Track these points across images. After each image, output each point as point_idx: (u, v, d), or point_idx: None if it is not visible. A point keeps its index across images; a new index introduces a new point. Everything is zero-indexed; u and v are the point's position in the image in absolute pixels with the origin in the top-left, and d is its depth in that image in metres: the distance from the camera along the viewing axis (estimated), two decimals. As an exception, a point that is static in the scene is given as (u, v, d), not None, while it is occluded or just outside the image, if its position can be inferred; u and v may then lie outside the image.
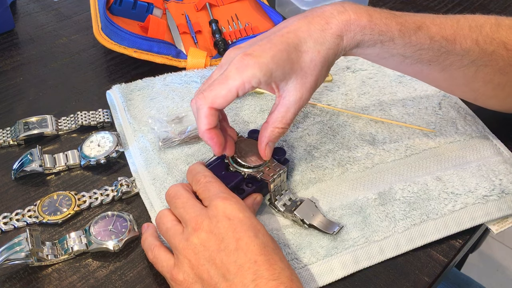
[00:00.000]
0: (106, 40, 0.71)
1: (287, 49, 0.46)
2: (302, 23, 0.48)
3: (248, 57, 0.45)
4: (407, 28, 0.51)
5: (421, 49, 0.52)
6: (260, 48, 0.46)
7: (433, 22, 0.52)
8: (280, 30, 0.48)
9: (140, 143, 0.62)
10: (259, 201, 0.54)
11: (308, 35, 0.47)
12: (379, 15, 0.50)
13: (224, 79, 0.46)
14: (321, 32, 0.48)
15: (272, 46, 0.46)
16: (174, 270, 0.46)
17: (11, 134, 0.64)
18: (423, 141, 0.62)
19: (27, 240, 0.49)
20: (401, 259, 0.52)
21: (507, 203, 0.55)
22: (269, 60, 0.45)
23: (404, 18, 0.51)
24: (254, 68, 0.45)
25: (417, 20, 0.51)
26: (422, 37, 0.51)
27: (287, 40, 0.47)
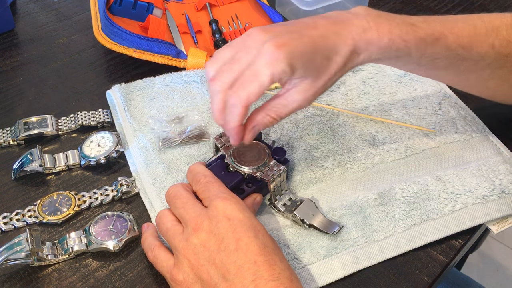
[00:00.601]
0: (106, 40, 0.71)
1: (314, 51, 0.46)
2: (330, 30, 0.48)
3: (279, 50, 0.44)
4: (425, 41, 0.51)
5: (437, 58, 0.53)
6: (292, 42, 0.45)
7: (451, 31, 0.52)
8: (309, 30, 0.47)
9: (140, 143, 0.62)
10: (259, 201, 0.54)
11: (333, 45, 0.48)
12: (400, 31, 0.50)
13: (255, 75, 0.45)
14: (344, 46, 0.48)
15: (302, 44, 0.46)
16: (174, 270, 0.46)
17: (11, 134, 0.64)
18: (423, 141, 0.62)
19: (27, 240, 0.49)
20: (401, 259, 0.52)
21: (507, 203, 0.55)
22: (298, 57, 0.45)
23: (424, 31, 0.51)
24: (284, 63, 0.45)
25: (436, 30, 0.52)
26: (439, 48, 0.52)
27: (316, 43, 0.47)
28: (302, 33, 0.46)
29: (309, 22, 0.48)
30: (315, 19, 0.49)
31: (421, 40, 0.51)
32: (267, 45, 0.45)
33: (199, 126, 0.63)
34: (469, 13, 0.56)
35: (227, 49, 0.48)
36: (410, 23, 0.51)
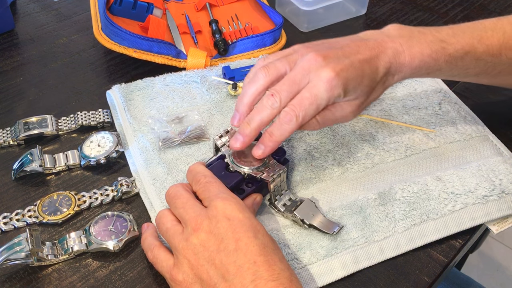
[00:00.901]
0: (106, 40, 0.71)
1: (362, 75, 0.51)
2: (372, 55, 0.52)
3: (337, 77, 0.49)
4: (455, 57, 0.54)
5: (468, 69, 0.56)
6: (346, 68, 0.49)
7: (480, 41, 0.55)
8: (356, 55, 0.51)
9: (140, 143, 0.62)
10: (259, 201, 0.54)
11: (375, 69, 0.52)
12: (430, 51, 0.54)
13: (314, 98, 0.49)
14: (382, 68, 0.52)
15: (354, 70, 0.50)
16: (173, 270, 0.46)
17: (11, 134, 0.64)
18: (423, 141, 0.62)
19: (27, 240, 0.49)
20: (401, 259, 0.52)
21: (507, 203, 0.55)
22: (351, 83, 0.50)
23: (453, 47, 0.54)
24: (340, 89, 0.49)
25: (466, 43, 0.55)
26: (469, 60, 0.55)
27: (363, 68, 0.51)
28: (351, 59, 0.50)
29: (352, 46, 0.52)
30: (357, 43, 0.53)
31: (450, 56, 0.54)
32: (325, 72, 0.49)
33: (199, 126, 0.63)
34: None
35: (283, 62, 0.51)
36: (440, 39, 0.54)
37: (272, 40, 0.75)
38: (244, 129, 0.51)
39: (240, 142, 0.51)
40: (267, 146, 0.51)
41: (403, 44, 0.53)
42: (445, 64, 0.55)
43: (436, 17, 0.86)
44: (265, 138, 0.51)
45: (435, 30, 0.55)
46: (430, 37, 0.54)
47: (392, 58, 0.52)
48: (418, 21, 0.85)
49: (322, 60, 0.49)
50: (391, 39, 0.53)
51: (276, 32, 0.75)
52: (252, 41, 0.74)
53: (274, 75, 0.51)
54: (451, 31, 0.55)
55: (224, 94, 0.68)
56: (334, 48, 0.51)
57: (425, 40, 0.54)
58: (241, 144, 0.51)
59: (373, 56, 0.52)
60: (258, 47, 0.75)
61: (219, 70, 0.71)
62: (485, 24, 0.56)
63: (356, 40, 0.53)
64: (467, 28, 0.56)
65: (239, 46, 0.74)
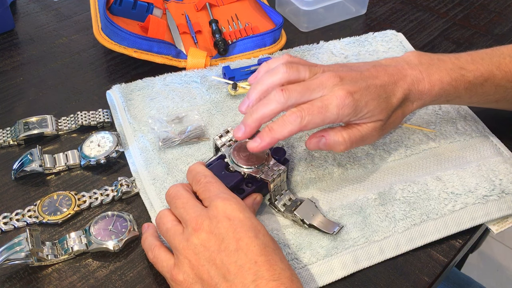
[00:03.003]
0: (106, 40, 0.71)
1: (377, 98, 0.52)
2: (389, 80, 0.53)
3: (349, 97, 0.50)
4: (474, 84, 0.56)
5: (487, 96, 0.57)
6: (359, 91, 0.51)
7: (499, 68, 0.56)
8: (373, 79, 0.52)
9: (140, 143, 0.62)
10: (259, 201, 0.54)
11: (392, 94, 0.53)
12: (450, 78, 0.55)
13: (324, 109, 0.50)
14: (399, 94, 0.53)
15: (367, 93, 0.51)
16: (174, 270, 0.46)
17: (11, 134, 0.64)
18: (423, 141, 0.62)
19: (27, 240, 0.49)
20: (401, 259, 0.52)
21: (507, 203, 0.55)
22: (363, 106, 0.51)
23: (473, 74, 0.55)
24: (351, 109, 0.50)
25: (485, 70, 0.56)
26: (488, 87, 0.56)
27: (378, 92, 0.52)
28: (368, 82, 0.52)
29: (372, 71, 0.54)
30: (377, 68, 0.54)
31: (470, 83, 0.55)
32: (340, 90, 0.50)
33: (199, 126, 0.63)
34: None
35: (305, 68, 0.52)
36: (459, 66, 0.55)
37: (272, 40, 0.75)
38: (246, 119, 0.51)
39: (242, 132, 0.51)
40: (263, 140, 0.50)
41: (423, 71, 0.54)
42: (464, 91, 0.56)
43: (436, 17, 0.86)
44: (264, 132, 0.51)
45: (454, 57, 0.56)
46: (450, 65, 0.55)
47: (411, 85, 0.54)
48: (418, 21, 0.85)
49: (339, 80, 0.51)
50: (410, 66, 0.55)
51: (276, 32, 0.75)
52: (252, 41, 0.74)
53: (293, 76, 0.52)
54: (469, 58, 0.56)
55: (224, 94, 0.68)
56: (353, 71, 0.53)
57: (445, 67, 0.55)
58: (242, 134, 0.51)
59: (391, 82, 0.53)
60: (258, 47, 0.75)
61: (219, 70, 0.71)
62: (503, 50, 0.58)
63: (377, 66, 0.55)
64: (486, 54, 0.57)
65: (239, 46, 0.74)
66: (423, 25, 0.84)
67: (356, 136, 0.53)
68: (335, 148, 0.53)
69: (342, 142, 0.52)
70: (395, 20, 0.85)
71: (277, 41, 0.76)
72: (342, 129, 0.53)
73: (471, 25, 0.84)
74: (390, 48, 0.76)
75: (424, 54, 0.56)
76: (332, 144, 0.53)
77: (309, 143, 0.54)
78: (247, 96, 0.53)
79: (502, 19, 0.86)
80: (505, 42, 0.81)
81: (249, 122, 0.51)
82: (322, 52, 0.75)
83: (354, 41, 0.77)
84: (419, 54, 0.56)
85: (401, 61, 0.55)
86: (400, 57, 0.56)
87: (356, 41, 0.77)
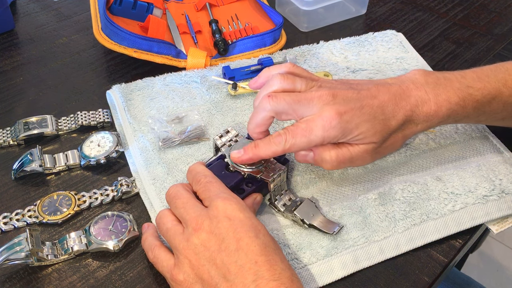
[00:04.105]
0: (106, 40, 0.71)
1: (371, 121, 0.50)
2: (390, 100, 0.51)
3: (337, 118, 0.49)
4: (482, 103, 0.54)
5: (495, 114, 0.56)
6: (351, 111, 0.49)
7: (505, 85, 0.55)
8: (371, 99, 0.51)
9: (140, 143, 0.62)
10: (259, 201, 0.54)
11: (391, 115, 0.51)
12: (457, 98, 0.53)
13: (308, 132, 0.49)
14: (400, 115, 0.52)
15: (360, 114, 0.50)
16: (174, 270, 0.46)
17: (11, 134, 0.64)
18: (423, 141, 0.62)
19: (27, 240, 0.49)
20: (401, 259, 0.52)
21: (507, 203, 0.55)
22: (353, 128, 0.49)
23: (480, 92, 0.54)
24: (337, 131, 0.49)
25: (492, 88, 0.54)
26: (496, 105, 0.55)
27: (374, 112, 0.50)
28: (363, 103, 0.50)
29: (372, 90, 0.52)
30: (378, 87, 0.52)
31: (478, 102, 0.54)
32: (328, 111, 0.49)
33: (199, 126, 0.63)
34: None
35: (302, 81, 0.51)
36: (466, 85, 0.53)
37: (272, 40, 0.75)
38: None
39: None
40: (246, 153, 0.51)
41: (429, 92, 0.52)
42: (472, 111, 0.54)
43: (436, 17, 0.86)
44: (249, 146, 0.51)
45: (460, 75, 0.54)
46: (457, 84, 0.53)
47: (415, 106, 0.52)
48: (418, 21, 0.85)
49: (332, 98, 0.50)
50: (416, 86, 0.53)
51: (276, 32, 0.75)
52: (252, 41, 0.74)
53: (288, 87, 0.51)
54: (475, 76, 0.55)
55: (224, 94, 0.68)
56: (351, 90, 0.51)
57: (452, 87, 0.53)
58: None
59: (391, 102, 0.51)
60: (258, 47, 0.75)
61: (219, 70, 0.71)
62: (507, 67, 0.56)
63: (380, 85, 0.53)
64: (490, 72, 0.55)
65: (239, 46, 0.74)
66: (423, 25, 0.84)
67: (345, 156, 0.52)
68: (322, 165, 0.53)
69: (328, 161, 0.52)
70: (395, 20, 0.85)
71: (277, 41, 0.76)
72: (332, 147, 0.52)
73: (471, 25, 0.84)
74: (390, 48, 0.76)
75: (431, 72, 0.55)
76: (318, 160, 0.52)
77: (297, 155, 0.54)
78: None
79: (502, 19, 0.86)
80: (505, 42, 0.81)
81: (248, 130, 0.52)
82: (322, 52, 0.75)
83: (354, 41, 0.77)
84: (425, 73, 0.54)
85: (407, 81, 0.53)
86: (405, 76, 0.55)
87: (356, 41, 0.77)
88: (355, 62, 0.73)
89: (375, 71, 0.72)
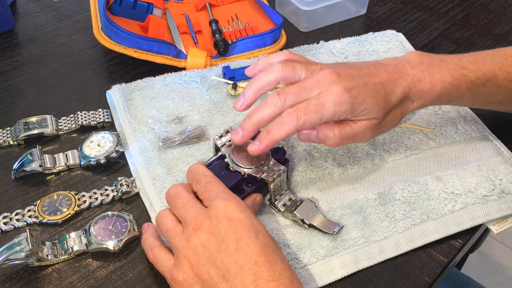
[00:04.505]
0: (106, 40, 0.71)
1: (376, 95, 0.51)
2: (389, 79, 0.53)
3: (346, 93, 0.49)
4: (476, 84, 0.55)
5: (490, 96, 0.57)
6: (357, 87, 0.50)
7: (501, 68, 0.56)
8: (372, 77, 0.52)
9: (140, 143, 0.62)
10: (259, 201, 0.54)
11: (391, 92, 0.53)
12: (451, 78, 0.54)
13: (320, 107, 0.49)
14: (399, 93, 0.53)
15: (365, 90, 0.51)
16: (174, 270, 0.46)
17: (11, 134, 0.64)
18: (423, 141, 0.62)
19: (27, 240, 0.49)
20: (401, 259, 0.52)
21: (507, 203, 0.55)
22: (360, 103, 0.50)
23: (474, 74, 0.55)
24: (348, 106, 0.50)
25: (487, 71, 0.56)
26: (490, 88, 0.56)
27: (377, 89, 0.52)
28: (366, 79, 0.51)
29: (371, 69, 0.53)
30: (376, 66, 0.54)
31: (472, 83, 0.55)
32: (336, 87, 0.50)
33: (199, 126, 0.63)
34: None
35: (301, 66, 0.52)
36: (461, 66, 0.55)
37: (272, 40, 0.75)
38: (244, 123, 0.51)
39: (240, 136, 0.52)
40: (262, 142, 0.51)
41: (424, 71, 0.54)
42: (467, 91, 0.55)
43: (436, 17, 0.86)
44: (262, 135, 0.51)
45: (456, 57, 0.56)
46: (452, 65, 0.55)
47: (411, 84, 0.53)
48: (418, 21, 0.85)
49: (336, 76, 0.50)
50: (411, 65, 0.54)
51: (276, 32, 0.75)
52: (252, 41, 0.74)
53: (289, 74, 0.52)
54: (472, 58, 0.56)
55: (224, 94, 0.68)
56: (352, 68, 0.52)
57: (446, 67, 0.55)
58: (240, 138, 0.52)
59: (390, 80, 0.52)
60: (258, 47, 0.75)
61: (219, 70, 0.71)
62: (505, 51, 0.58)
63: (377, 64, 0.54)
64: (487, 55, 0.57)
65: (239, 46, 0.74)
66: (423, 25, 0.84)
67: (348, 132, 0.52)
68: (325, 142, 0.53)
69: (332, 137, 0.52)
70: (395, 20, 0.85)
71: (277, 41, 0.76)
72: (334, 124, 0.52)
73: (471, 25, 0.84)
74: (390, 48, 0.76)
75: (426, 54, 0.56)
76: (322, 138, 0.52)
77: (300, 133, 0.54)
78: (242, 94, 0.53)
79: (502, 19, 0.86)
80: (505, 42, 0.81)
81: (247, 126, 0.51)
82: (322, 52, 0.75)
83: (354, 41, 0.77)
84: (421, 54, 0.56)
85: (402, 61, 0.55)
86: (401, 57, 0.56)
87: (356, 41, 0.77)
88: (354, 62, 0.73)
89: (375, 71, 0.72)
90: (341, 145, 0.55)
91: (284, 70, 0.52)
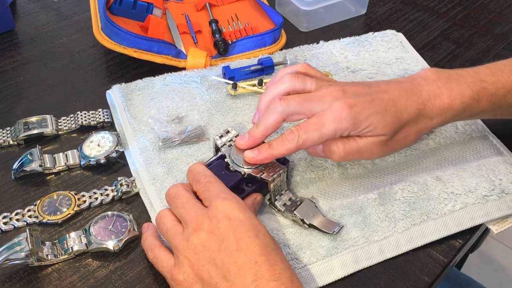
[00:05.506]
0: (106, 40, 0.71)
1: (383, 113, 0.51)
2: (401, 94, 0.52)
3: (347, 110, 0.49)
4: (497, 96, 0.54)
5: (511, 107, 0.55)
6: (360, 104, 0.50)
7: None
8: (382, 94, 0.51)
9: (140, 143, 0.62)
10: (259, 201, 0.54)
11: (403, 108, 0.52)
12: (471, 92, 0.53)
13: (319, 126, 0.50)
14: (412, 108, 0.52)
15: (371, 106, 0.50)
16: (174, 270, 0.46)
17: (11, 134, 0.64)
18: (423, 141, 0.62)
19: (27, 240, 0.49)
20: (401, 259, 0.52)
21: (507, 203, 0.55)
22: (364, 119, 0.50)
23: (494, 86, 0.54)
24: (349, 123, 0.49)
25: (507, 82, 0.54)
26: (511, 98, 0.54)
27: (386, 105, 0.51)
28: (374, 96, 0.51)
29: (383, 86, 0.53)
30: (389, 84, 0.53)
31: (492, 96, 0.54)
32: (338, 103, 0.49)
33: (199, 126, 0.63)
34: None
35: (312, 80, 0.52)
36: (479, 79, 0.54)
37: (272, 40, 0.75)
38: (253, 130, 0.52)
39: (245, 141, 0.52)
40: (261, 153, 0.51)
41: (441, 86, 0.53)
42: (488, 105, 0.54)
43: (436, 17, 0.86)
44: (263, 146, 0.52)
45: (473, 71, 0.55)
46: (470, 78, 0.54)
47: (427, 100, 0.52)
48: (418, 21, 0.85)
49: (342, 93, 0.50)
50: (427, 82, 0.53)
51: (276, 32, 0.75)
52: (252, 41, 0.74)
53: (298, 86, 0.52)
54: (488, 71, 0.55)
55: (224, 94, 0.68)
56: (361, 86, 0.52)
57: (465, 81, 0.53)
58: (245, 143, 0.52)
59: (402, 96, 0.52)
60: (258, 47, 0.75)
61: (219, 70, 0.71)
62: None
63: (391, 82, 0.54)
64: (504, 66, 0.56)
65: (239, 46, 0.74)
66: (423, 25, 0.84)
67: (352, 148, 0.52)
68: (331, 157, 0.53)
69: (336, 151, 0.52)
70: (395, 20, 0.85)
71: (277, 41, 0.76)
72: (339, 139, 0.52)
73: (471, 25, 0.84)
74: (390, 48, 0.76)
75: (442, 70, 0.55)
76: (327, 152, 0.53)
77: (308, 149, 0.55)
78: (257, 108, 0.54)
79: (502, 19, 0.86)
80: (505, 42, 0.81)
81: (254, 133, 0.52)
82: (322, 52, 0.75)
83: (354, 41, 0.77)
84: (437, 70, 0.55)
85: (418, 77, 0.54)
86: (417, 74, 0.55)
87: (356, 41, 0.77)
88: (355, 62, 0.73)
89: (375, 71, 0.72)
90: (348, 160, 0.55)
91: (293, 81, 0.52)
